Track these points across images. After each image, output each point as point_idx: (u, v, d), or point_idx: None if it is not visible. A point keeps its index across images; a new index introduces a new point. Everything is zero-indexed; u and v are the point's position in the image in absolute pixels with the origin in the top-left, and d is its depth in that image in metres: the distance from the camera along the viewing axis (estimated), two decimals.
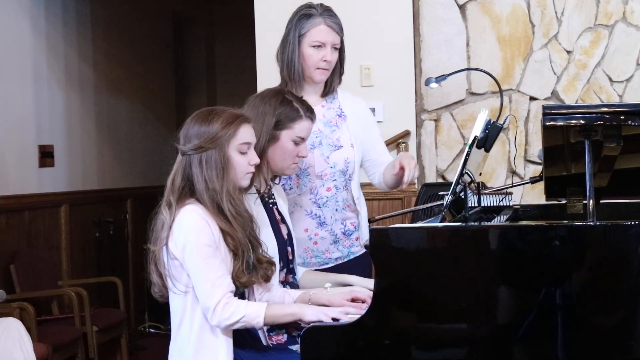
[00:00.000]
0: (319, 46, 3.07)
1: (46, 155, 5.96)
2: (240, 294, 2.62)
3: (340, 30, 3.11)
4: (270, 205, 2.89)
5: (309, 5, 3.14)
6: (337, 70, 3.16)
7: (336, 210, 3.09)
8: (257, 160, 2.64)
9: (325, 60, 3.07)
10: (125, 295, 6.19)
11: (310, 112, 2.87)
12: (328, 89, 3.17)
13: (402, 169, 2.97)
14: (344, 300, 2.64)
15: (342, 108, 3.17)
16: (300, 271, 2.99)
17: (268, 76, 4.65)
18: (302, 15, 3.10)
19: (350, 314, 2.48)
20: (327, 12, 3.11)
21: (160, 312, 6.57)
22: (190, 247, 2.49)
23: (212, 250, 2.49)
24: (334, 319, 2.44)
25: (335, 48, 3.10)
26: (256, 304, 2.52)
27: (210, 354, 2.51)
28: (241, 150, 2.59)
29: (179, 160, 2.60)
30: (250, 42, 5.06)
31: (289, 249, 2.89)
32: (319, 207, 3.08)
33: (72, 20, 6.38)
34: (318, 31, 3.07)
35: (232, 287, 2.51)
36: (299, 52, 3.08)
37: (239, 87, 7.64)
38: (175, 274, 2.52)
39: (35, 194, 5.78)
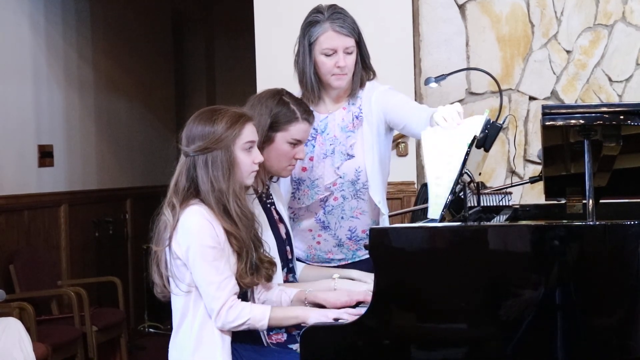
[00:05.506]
0: (330, 54, 2.96)
1: (45, 155, 5.96)
2: (242, 293, 2.62)
3: (351, 32, 2.97)
4: (268, 206, 2.88)
5: (317, 10, 3.01)
6: (358, 70, 3.04)
7: (342, 218, 3.05)
8: (261, 158, 2.63)
9: (338, 67, 2.97)
10: (125, 295, 6.20)
11: (307, 114, 2.83)
12: (351, 91, 3.06)
13: None
14: (337, 301, 2.64)
15: (362, 107, 3.06)
16: (299, 267, 2.99)
17: (268, 76, 4.67)
18: (309, 23, 2.99)
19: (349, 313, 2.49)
20: (335, 15, 2.97)
21: (160, 311, 6.57)
22: (194, 249, 2.48)
23: (216, 252, 2.49)
24: (335, 319, 2.45)
25: (348, 52, 2.98)
26: (260, 307, 2.53)
27: (209, 351, 2.52)
28: (246, 149, 2.59)
29: (182, 161, 2.58)
30: (250, 41, 5.05)
31: (288, 248, 2.89)
32: (324, 214, 3.06)
33: (71, 20, 6.38)
34: (326, 38, 2.95)
35: (237, 289, 2.52)
36: (310, 61, 2.99)
37: (238, 87, 7.64)
38: (178, 274, 2.52)
39: (35, 194, 5.79)
